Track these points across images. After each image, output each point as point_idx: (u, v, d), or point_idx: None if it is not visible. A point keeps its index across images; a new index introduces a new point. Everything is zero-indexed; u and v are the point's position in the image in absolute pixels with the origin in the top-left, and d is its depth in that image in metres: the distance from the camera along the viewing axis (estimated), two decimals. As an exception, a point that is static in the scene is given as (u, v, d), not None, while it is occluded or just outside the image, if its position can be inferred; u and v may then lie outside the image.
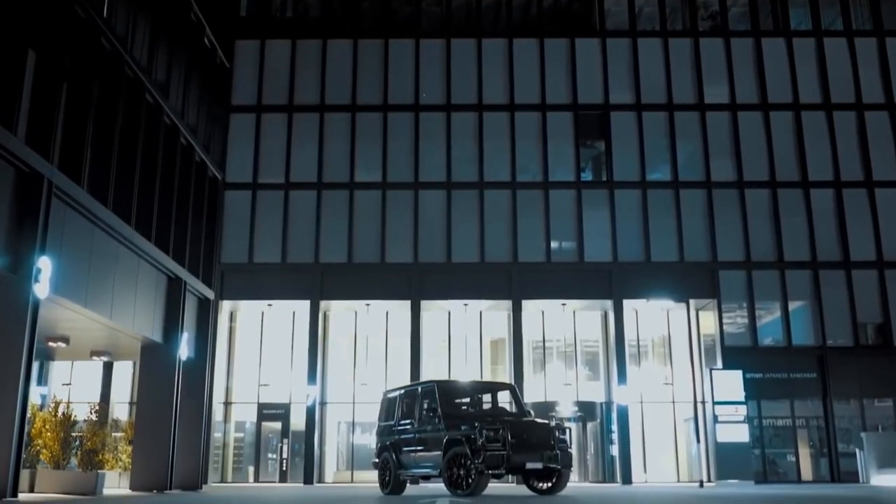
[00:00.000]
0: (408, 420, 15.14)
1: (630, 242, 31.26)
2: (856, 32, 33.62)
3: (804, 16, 34.18)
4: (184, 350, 19.72)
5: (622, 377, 29.65)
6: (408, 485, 15.88)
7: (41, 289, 12.96)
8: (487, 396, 16.00)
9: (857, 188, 31.82)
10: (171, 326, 19.38)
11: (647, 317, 31.20)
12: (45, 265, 12.98)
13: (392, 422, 15.77)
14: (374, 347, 31.30)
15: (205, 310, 21.88)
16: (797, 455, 29.67)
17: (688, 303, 27.47)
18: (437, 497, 12.56)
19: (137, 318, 17.62)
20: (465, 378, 28.69)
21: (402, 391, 16.00)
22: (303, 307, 30.48)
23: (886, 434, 27.81)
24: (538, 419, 14.31)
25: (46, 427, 15.75)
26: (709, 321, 30.29)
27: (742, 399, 26.73)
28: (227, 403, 30.89)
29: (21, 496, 12.93)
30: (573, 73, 33.10)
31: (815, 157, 32.12)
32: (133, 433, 18.97)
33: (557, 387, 30.83)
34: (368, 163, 32.37)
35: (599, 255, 31.06)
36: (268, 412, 30.53)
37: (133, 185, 17.22)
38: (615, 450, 29.76)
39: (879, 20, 33.66)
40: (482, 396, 15.65)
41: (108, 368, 28.12)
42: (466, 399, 15.38)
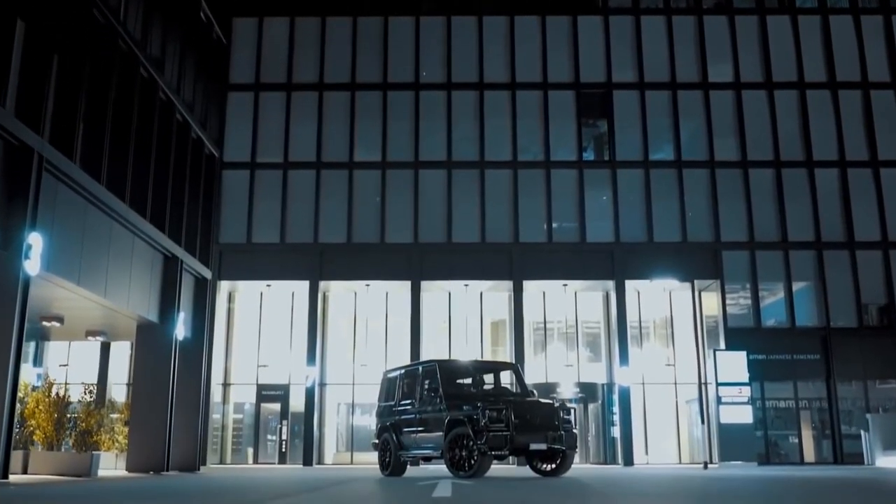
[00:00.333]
0: (408, 400, 14.85)
1: (632, 223, 30.98)
2: (862, 10, 33.17)
3: (809, -7, 33.79)
4: (180, 330, 19.41)
5: (624, 358, 29.43)
6: (408, 466, 15.61)
7: (32, 265, 12.63)
8: (490, 376, 15.70)
9: (862, 168, 31.52)
10: (168, 306, 19.06)
11: (649, 298, 30.95)
12: (36, 241, 12.64)
13: (392, 402, 15.49)
14: (374, 328, 31.08)
15: (202, 289, 21.55)
16: (800, 437, 29.49)
17: (692, 283, 27.13)
18: (439, 479, 12.29)
19: (133, 297, 17.30)
20: (467, 358, 28.43)
21: (403, 371, 15.71)
22: (302, 288, 30.23)
23: (892, 415, 27.62)
24: (542, 399, 14.03)
25: (39, 407, 15.46)
26: (711, 302, 30.02)
27: (746, 380, 26.45)
28: (226, 384, 30.68)
29: (12, 477, 12.66)
30: (575, 51, 32.70)
31: (820, 137, 31.80)
32: (129, 414, 18.70)
33: (558, 368, 30.61)
34: (368, 142, 32.06)
35: (601, 236, 30.78)
36: (267, 393, 30.35)
37: (127, 162, 16.84)
38: (616, 431, 29.59)
39: (886, -3, 33.24)
40: (484, 376, 15.33)
41: (106, 349, 27.84)
42: (468, 379, 15.07)
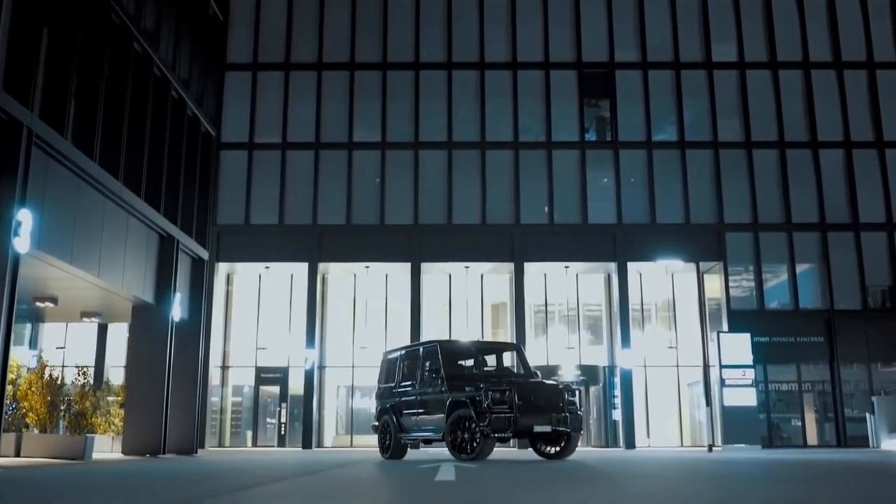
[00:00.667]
0: (409, 382, 14.55)
1: (635, 204, 30.68)
2: (868, -12, 32.71)
3: (816, -30, 33.24)
4: (177, 311, 19.09)
5: (626, 341, 29.18)
6: (408, 449, 15.34)
7: (21, 243, 12.27)
8: (492, 357, 15.38)
9: (868, 148, 31.19)
10: (164, 286, 18.73)
11: (651, 280, 30.68)
12: (26, 218, 12.28)
13: (392, 384, 15.18)
14: (374, 311, 30.81)
15: (199, 270, 21.22)
16: (803, 420, 29.29)
17: (697, 265, 26.85)
18: (441, 462, 12.00)
19: (127, 277, 16.97)
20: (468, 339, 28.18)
21: (403, 352, 15.40)
22: (301, 269, 29.95)
23: (898, 398, 27.33)
24: (546, 380, 13.74)
25: (32, 389, 15.15)
26: (714, 285, 29.74)
27: (750, 363, 26.17)
28: (225, 367, 30.46)
29: (3, 460, 12.38)
30: (577, 31, 32.26)
31: (825, 117, 31.43)
32: (125, 396, 18.42)
33: (560, 350, 30.38)
34: (367, 122, 31.72)
35: (603, 217, 30.47)
36: (266, 376, 30.15)
37: (121, 139, 16.45)
38: (618, 414, 29.38)
39: (893, -25, 32.75)
40: (486, 357, 15.02)
41: (103, 331, 27.52)
42: (470, 360, 14.77)
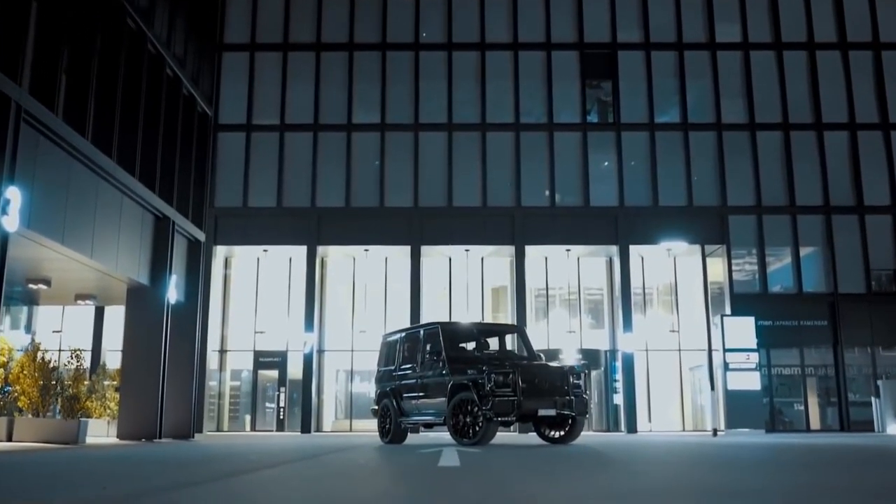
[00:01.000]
0: (409, 365, 14.23)
1: (637, 187, 30.39)
2: (874, -32, 32.28)
3: (821, -51, 32.78)
4: (172, 293, 18.75)
5: (628, 324, 28.93)
6: (409, 433, 15.05)
7: (10, 221, 11.90)
8: (494, 340, 15.06)
9: (873, 130, 30.95)
10: (159, 268, 18.37)
11: (653, 263, 30.42)
12: (14, 196, 11.91)
13: (392, 367, 14.87)
14: (373, 294, 30.52)
15: (195, 252, 20.85)
16: (806, 404, 29.06)
17: (702, 248, 26.52)
18: (442, 446, 11.72)
19: (122, 259, 16.62)
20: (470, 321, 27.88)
21: (403, 334, 15.08)
22: (299, 253, 29.66)
23: (904, 381, 27.08)
24: (550, 363, 13.44)
25: (24, 372, 14.84)
26: (717, 268, 29.43)
27: (754, 346, 25.90)
28: (223, 351, 30.21)
29: (-6, 444, 12.09)
30: (579, 11, 31.89)
31: (830, 98, 31.16)
32: (120, 380, 18.12)
33: (560, 334, 30.12)
34: (367, 104, 31.39)
35: (605, 200, 30.19)
36: (264, 360, 29.91)
37: (114, 116, 16.06)
38: (619, 398, 29.15)
39: (899, -46, 32.28)
40: (489, 339, 14.69)
41: (100, 315, 27.23)
42: (472, 343, 14.45)
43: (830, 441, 15.49)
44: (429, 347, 13.56)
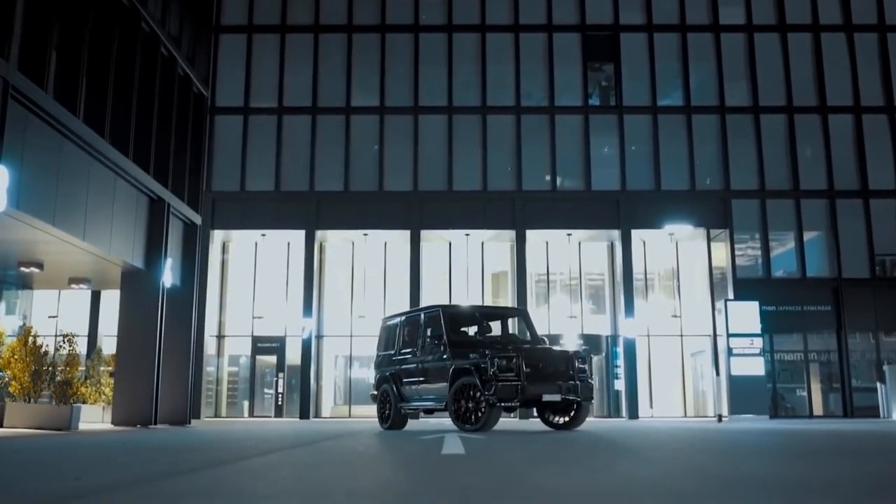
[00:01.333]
0: (409, 349, 13.90)
1: (639, 170, 30.05)
2: (879, -51, 31.79)
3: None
4: (168, 277, 18.39)
5: (629, 309, 28.64)
6: (409, 419, 14.73)
7: (-2, 200, 11.56)
8: (496, 323, 14.71)
9: (878, 114, 30.58)
10: (154, 251, 17.99)
11: (655, 248, 30.09)
12: (2, 174, 11.54)
13: (392, 351, 14.54)
14: (372, 279, 30.20)
15: (191, 235, 20.48)
16: (809, 390, 28.79)
17: (708, 232, 26.19)
18: (444, 432, 11.41)
19: (115, 241, 16.25)
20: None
21: (403, 317, 14.74)
22: (298, 237, 29.34)
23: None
24: (555, 347, 13.11)
25: (15, 357, 14.51)
26: (719, 253, 29.10)
27: (758, 331, 25.57)
28: (221, 337, 29.91)
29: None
30: (581, -8, 31.37)
31: (834, 81, 30.79)
32: (114, 365, 17.79)
33: (561, 320, 29.82)
34: (365, 86, 31.00)
35: (607, 184, 29.84)
36: (262, 346, 29.66)
37: (107, 95, 15.65)
38: (620, 384, 28.88)
39: (906, -67, 31.78)
40: (491, 323, 14.34)
41: (96, 300, 26.93)
42: (474, 326, 14.11)
43: (842, 427, 15.19)
44: (430, 331, 13.23)
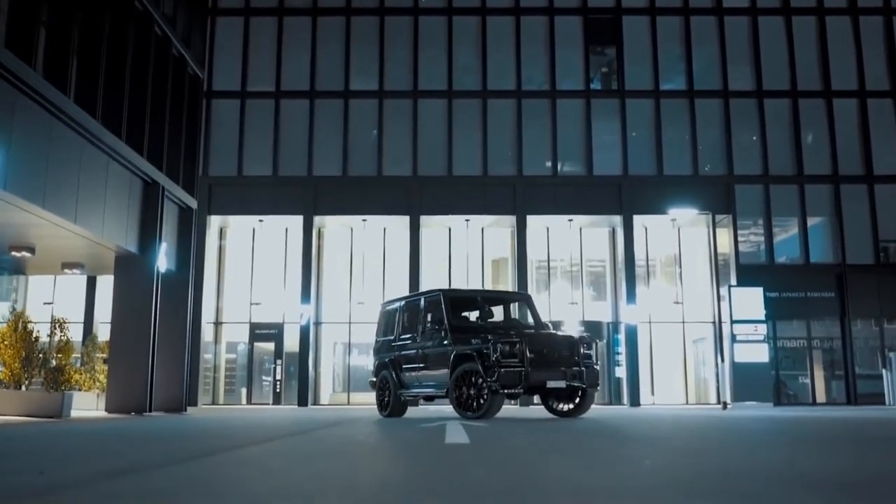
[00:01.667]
0: (409, 334, 13.56)
1: (641, 155, 29.71)
2: (886, -70, 31.35)
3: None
4: (162, 261, 18.03)
5: (631, 296, 28.34)
6: (409, 406, 14.41)
7: (-16, 181, 11.22)
8: (499, 308, 14.36)
9: (883, 98, 30.34)
10: (148, 235, 17.62)
11: (657, 234, 29.77)
12: (-11, 154, 11.22)
13: (391, 337, 14.20)
14: (371, 265, 29.88)
15: (186, 220, 20.11)
16: (812, 377, 28.53)
17: (713, 217, 25.84)
18: (445, 420, 11.09)
19: (108, 225, 15.88)
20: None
21: (403, 302, 14.39)
22: (296, 223, 28.99)
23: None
24: (559, 332, 12.78)
25: (5, 342, 14.18)
26: (722, 239, 28.80)
27: (762, 318, 25.26)
28: (218, 323, 29.60)
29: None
30: (583, -26, 30.95)
31: (839, 65, 30.46)
32: (109, 351, 17.46)
33: (562, 306, 29.51)
34: (364, 70, 30.63)
35: (609, 169, 29.51)
36: (260, 332, 29.37)
37: (98, 75, 15.26)
38: (621, 371, 28.59)
39: (913, -85, 31.35)
40: (493, 308, 14.00)
41: (92, 285, 26.62)
42: (476, 311, 13.77)
43: (853, 415, 14.90)
44: (430, 316, 12.89)
